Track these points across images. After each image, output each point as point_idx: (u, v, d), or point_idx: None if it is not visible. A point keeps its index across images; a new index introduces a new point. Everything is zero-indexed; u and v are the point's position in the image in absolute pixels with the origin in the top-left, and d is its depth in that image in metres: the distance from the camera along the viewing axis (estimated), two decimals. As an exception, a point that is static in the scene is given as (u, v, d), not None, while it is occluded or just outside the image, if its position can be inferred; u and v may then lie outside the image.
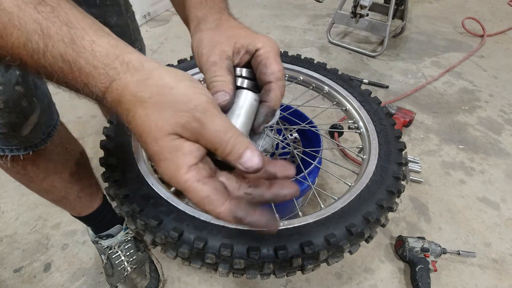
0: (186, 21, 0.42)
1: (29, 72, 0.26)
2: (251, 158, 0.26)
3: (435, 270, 0.92)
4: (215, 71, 0.33)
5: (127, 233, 0.92)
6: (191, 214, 0.53)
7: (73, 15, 0.26)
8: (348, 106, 0.81)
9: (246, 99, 0.34)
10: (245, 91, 0.34)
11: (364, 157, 0.70)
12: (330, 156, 1.34)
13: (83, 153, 0.71)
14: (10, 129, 0.48)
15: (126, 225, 0.92)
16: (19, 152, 0.54)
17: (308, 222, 0.53)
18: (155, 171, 0.63)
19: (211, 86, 0.33)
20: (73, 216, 0.81)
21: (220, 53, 0.34)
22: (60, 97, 1.77)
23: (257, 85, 0.37)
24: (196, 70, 0.86)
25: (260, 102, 0.36)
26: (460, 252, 0.97)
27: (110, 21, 0.68)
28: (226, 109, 0.33)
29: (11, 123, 0.48)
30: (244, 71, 0.37)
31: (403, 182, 0.65)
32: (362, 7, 1.79)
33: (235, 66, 0.36)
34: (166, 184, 0.60)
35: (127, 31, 0.74)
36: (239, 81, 0.36)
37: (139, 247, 0.93)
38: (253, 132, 0.36)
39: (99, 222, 0.85)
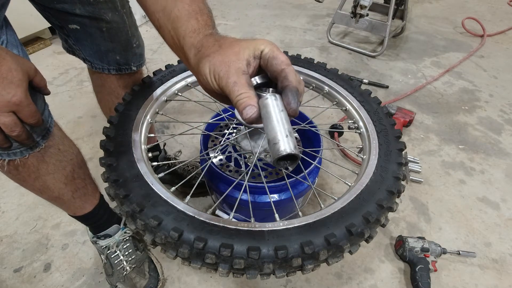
0: (179, 50, 0.44)
1: None
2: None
3: (435, 270, 0.92)
4: (238, 90, 0.37)
5: (125, 232, 0.92)
6: (191, 214, 0.53)
7: None
8: (348, 106, 0.81)
9: (271, 103, 0.38)
10: (266, 96, 0.38)
11: (364, 157, 0.70)
12: (330, 156, 1.34)
13: (78, 154, 0.72)
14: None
15: (124, 225, 0.92)
16: (16, 157, 0.55)
17: (308, 222, 0.53)
18: (155, 171, 0.63)
19: (238, 104, 0.37)
20: (70, 215, 0.81)
21: (236, 70, 0.38)
22: (60, 97, 1.77)
23: (273, 85, 0.41)
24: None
25: (283, 87, 0.39)
26: (460, 252, 0.97)
27: (105, 18, 0.69)
28: (256, 120, 0.38)
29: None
30: (258, 79, 0.41)
31: (403, 182, 0.65)
32: (362, 7, 1.79)
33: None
34: (166, 183, 0.61)
35: (124, 27, 0.74)
36: (258, 90, 0.40)
37: (137, 246, 0.93)
38: (292, 115, 0.40)
39: (96, 222, 0.85)
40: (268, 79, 0.41)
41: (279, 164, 0.38)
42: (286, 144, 0.36)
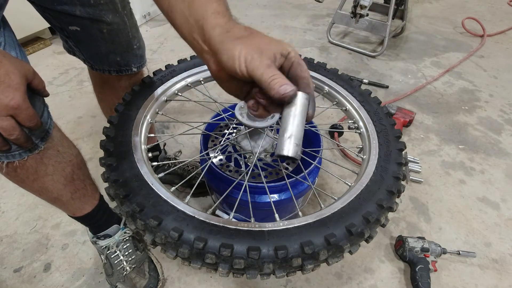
0: (192, 31, 0.43)
1: None
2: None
3: (435, 270, 0.92)
4: (272, 72, 0.38)
5: (124, 232, 0.92)
6: (191, 214, 0.53)
7: None
8: (348, 106, 0.81)
9: (299, 99, 0.40)
10: (298, 93, 0.40)
11: (364, 157, 0.70)
12: (330, 156, 1.34)
13: (78, 155, 0.71)
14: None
15: (124, 225, 0.92)
16: (15, 159, 0.55)
17: (308, 222, 0.53)
18: (155, 171, 0.63)
19: (274, 82, 0.38)
20: (69, 216, 0.81)
21: (269, 57, 0.39)
22: (60, 97, 1.77)
23: None
24: (197, 70, 0.86)
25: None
26: (460, 252, 0.97)
27: (106, 19, 0.68)
28: (292, 99, 0.40)
29: None
30: None
31: (403, 182, 0.65)
32: (362, 7, 1.79)
33: None
34: (166, 183, 0.61)
35: (124, 29, 0.74)
36: None
37: (137, 246, 0.93)
38: (308, 120, 0.43)
39: (96, 222, 0.85)
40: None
41: (280, 157, 0.41)
42: (293, 147, 0.40)
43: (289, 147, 0.39)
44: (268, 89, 0.38)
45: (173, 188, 0.63)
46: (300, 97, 0.40)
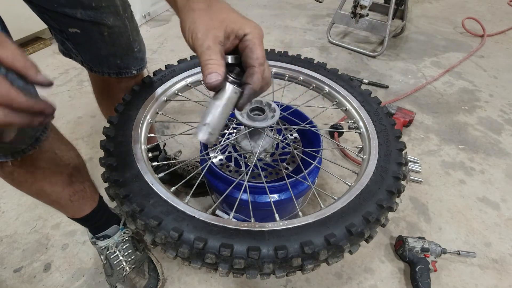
0: None
1: None
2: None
3: (435, 270, 0.92)
4: (210, 55, 0.37)
5: (124, 233, 0.92)
6: (191, 214, 0.53)
7: None
8: (348, 106, 0.81)
9: (227, 91, 0.40)
10: (228, 84, 0.40)
11: (364, 157, 0.70)
12: (330, 156, 1.34)
13: (77, 157, 0.71)
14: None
15: (123, 225, 0.92)
16: (7, 159, 0.54)
17: (308, 222, 0.53)
18: (155, 171, 0.63)
19: (206, 67, 0.37)
20: (68, 217, 0.81)
21: (214, 38, 0.37)
22: (60, 97, 1.77)
23: (241, 72, 0.42)
24: (197, 70, 0.86)
25: (244, 84, 0.40)
26: (460, 252, 0.97)
27: (107, 22, 0.68)
28: (217, 88, 0.38)
29: None
30: (230, 58, 0.41)
31: (403, 182, 0.65)
32: (362, 7, 1.79)
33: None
34: (166, 183, 0.60)
35: (125, 32, 0.73)
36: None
37: (137, 246, 0.93)
38: (238, 110, 0.44)
39: (95, 223, 0.85)
40: (240, 61, 0.42)
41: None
42: (206, 135, 0.41)
43: (202, 134, 0.41)
44: (202, 73, 0.37)
45: (173, 188, 0.63)
46: (229, 90, 0.39)
